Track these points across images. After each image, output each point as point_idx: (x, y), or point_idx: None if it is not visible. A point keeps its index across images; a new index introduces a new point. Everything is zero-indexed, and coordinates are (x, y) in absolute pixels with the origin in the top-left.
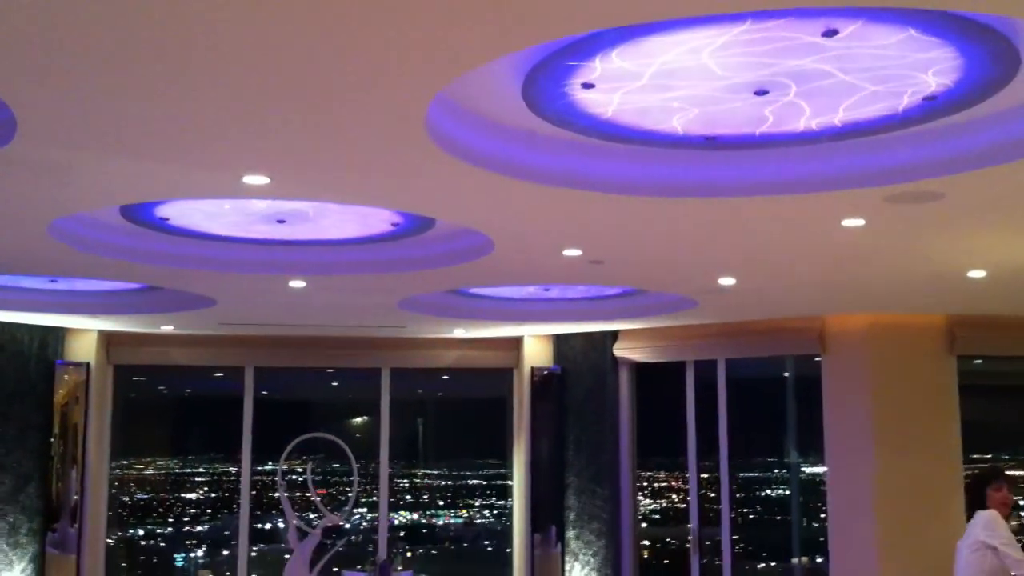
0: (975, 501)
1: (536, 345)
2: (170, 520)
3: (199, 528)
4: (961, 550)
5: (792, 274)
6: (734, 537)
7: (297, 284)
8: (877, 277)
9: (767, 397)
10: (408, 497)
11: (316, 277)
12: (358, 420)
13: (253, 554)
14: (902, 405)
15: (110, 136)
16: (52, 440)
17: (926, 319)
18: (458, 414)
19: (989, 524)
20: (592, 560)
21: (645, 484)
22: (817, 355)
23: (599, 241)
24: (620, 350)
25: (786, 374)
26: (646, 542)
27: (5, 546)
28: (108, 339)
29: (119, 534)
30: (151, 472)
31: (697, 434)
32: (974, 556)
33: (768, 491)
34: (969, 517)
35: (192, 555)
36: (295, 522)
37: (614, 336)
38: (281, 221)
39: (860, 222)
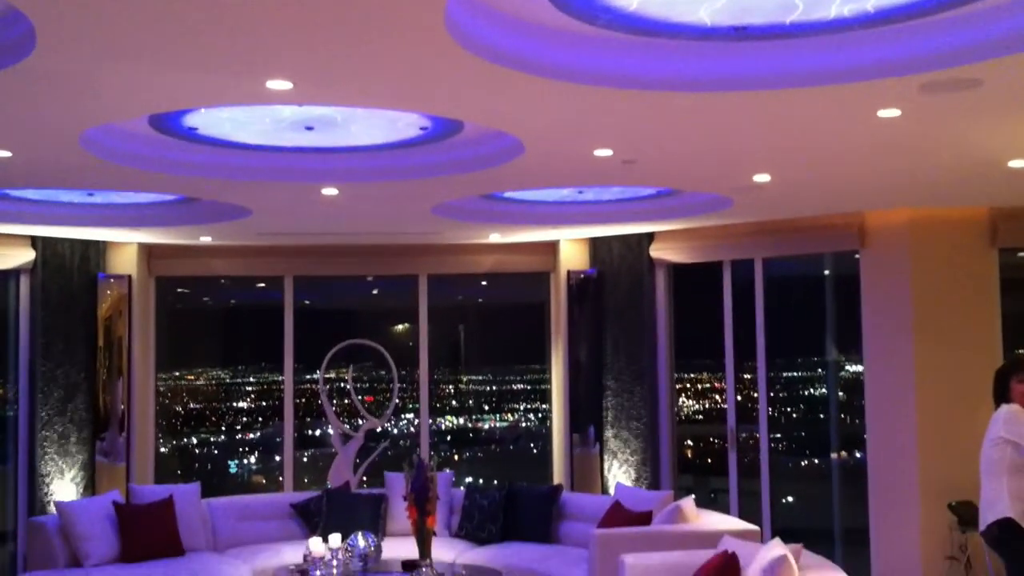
0: (1000, 394)
1: (572, 249)
2: (222, 428)
3: (251, 436)
4: (983, 448)
5: (828, 169)
6: (776, 435)
7: (330, 192)
8: (915, 170)
9: (805, 296)
10: (453, 403)
11: (348, 185)
12: (399, 328)
13: (304, 459)
14: (942, 300)
15: (129, 44)
16: (97, 352)
17: (967, 212)
18: (498, 320)
19: (1011, 419)
20: (631, 458)
21: (688, 386)
22: (856, 252)
23: (630, 139)
24: (656, 251)
25: (825, 272)
26: (688, 442)
27: (55, 455)
28: (148, 252)
29: (173, 442)
30: (202, 383)
31: (735, 334)
32: (994, 451)
33: (809, 390)
34: (998, 407)
35: (245, 462)
36: (339, 427)
37: (650, 238)
38: (309, 128)
39: (896, 112)
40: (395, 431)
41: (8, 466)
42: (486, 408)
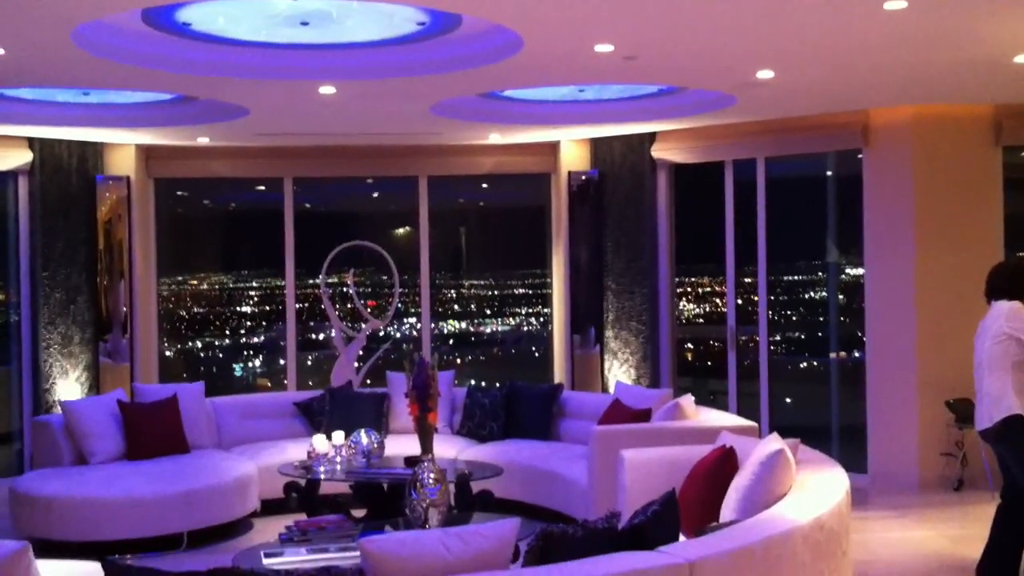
0: (1009, 290)
1: (573, 149)
2: (226, 332)
3: (255, 339)
4: (982, 342)
5: (832, 64)
6: (775, 338)
7: (327, 90)
8: (921, 64)
9: (807, 197)
10: (455, 307)
11: (345, 83)
12: (400, 231)
13: (308, 362)
14: (945, 200)
15: None
16: (98, 255)
17: (972, 109)
18: (499, 223)
19: (1012, 315)
20: (631, 358)
21: (689, 289)
22: (859, 151)
23: (631, 34)
24: (658, 151)
25: (827, 173)
26: (688, 345)
27: (60, 356)
28: (146, 153)
29: (178, 346)
30: (206, 287)
31: (736, 236)
32: (998, 348)
33: (809, 294)
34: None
35: (249, 365)
36: (341, 328)
37: (652, 138)
38: (304, 23)
39: (902, 5)
40: (397, 335)
41: (12, 367)
42: (487, 312)
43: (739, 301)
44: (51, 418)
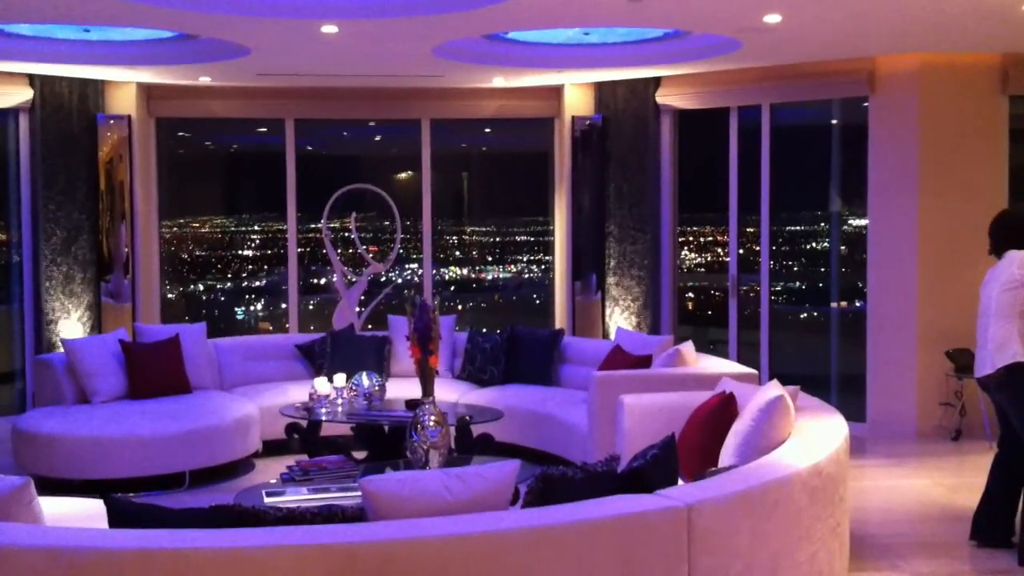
0: (1013, 241)
1: (577, 94)
2: (228, 276)
3: (256, 283)
4: (989, 290)
5: (840, 9)
6: (776, 288)
7: (329, 29)
8: (929, 12)
9: (812, 145)
10: (457, 253)
11: (347, 21)
12: (403, 176)
13: (310, 307)
14: (950, 149)
15: None
16: (99, 196)
17: (979, 58)
18: (502, 169)
19: None
20: (632, 305)
21: (691, 239)
22: (865, 99)
23: None
24: (663, 97)
25: (832, 121)
26: (690, 294)
27: (62, 295)
28: (148, 92)
29: (180, 289)
30: (207, 231)
31: (740, 184)
32: (1007, 295)
33: (811, 244)
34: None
35: (251, 308)
36: (342, 271)
37: (656, 83)
38: None
39: None
40: (398, 280)
41: (14, 306)
42: (489, 259)
43: (740, 251)
44: (53, 357)
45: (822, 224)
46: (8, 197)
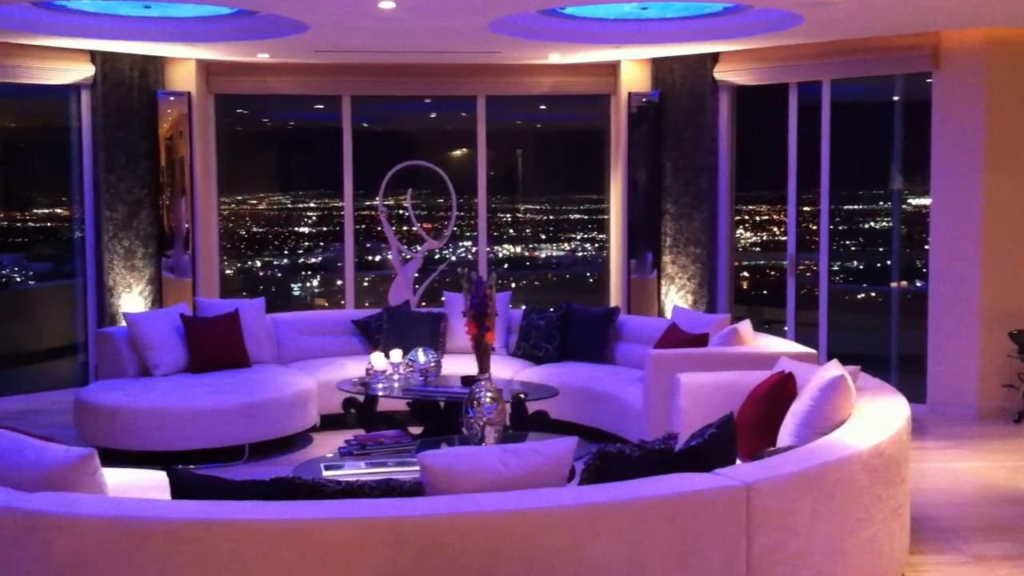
0: None
1: (633, 70)
2: (285, 252)
3: (312, 260)
4: None
5: None
6: (834, 267)
7: (387, 5)
8: None
9: (873, 122)
10: (511, 231)
11: None
12: (457, 152)
13: (365, 283)
14: (1017, 126)
15: None
16: (160, 172)
17: None
18: (557, 145)
19: None
20: (688, 283)
21: (747, 217)
22: (928, 74)
23: None
24: (721, 73)
25: (895, 98)
26: (745, 273)
27: (123, 270)
28: (207, 68)
29: (238, 265)
30: (264, 207)
31: (799, 161)
32: None
33: (870, 223)
34: None
35: (307, 284)
36: (398, 247)
37: (714, 59)
38: None
39: None
40: (452, 258)
41: (77, 280)
42: (543, 237)
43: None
44: (115, 330)
45: (881, 203)
46: (71, 173)
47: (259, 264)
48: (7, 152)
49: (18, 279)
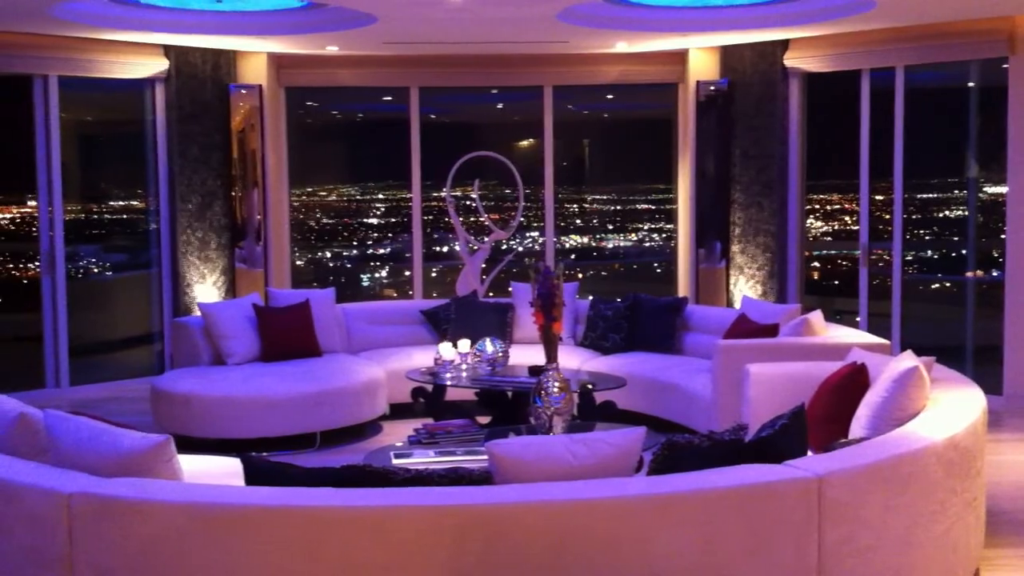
0: None
1: (702, 58)
2: (354, 243)
3: (380, 250)
4: None
5: None
6: (907, 257)
7: None
8: None
9: (948, 108)
10: (578, 221)
11: None
12: (524, 143)
13: (433, 273)
14: None
15: None
16: (232, 164)
17: None
18: (623, 135)
19: None
20: (757, 274)
21: (817, 207)
22: (1004, 60)
23: None
24: (791, 60)
25: (969, 84)
26: (815, 263)
27: (197, 260)
28: (277, 61)
29: (308, 256)
30: (333, 199)
31: (871, 148)
32: None
33: (944, 212)
34: None
35: (375, 275)
36: (465, 238)
37: (785, 45)
38: None
39: None
40: (519, 248)
41: (153, 271)
42: (610, 227)
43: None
44: (190, 320)
45: (955, 191)
46: (146, 166)
47: (328, 255)
48: (84, 146)
49: (96, 270)
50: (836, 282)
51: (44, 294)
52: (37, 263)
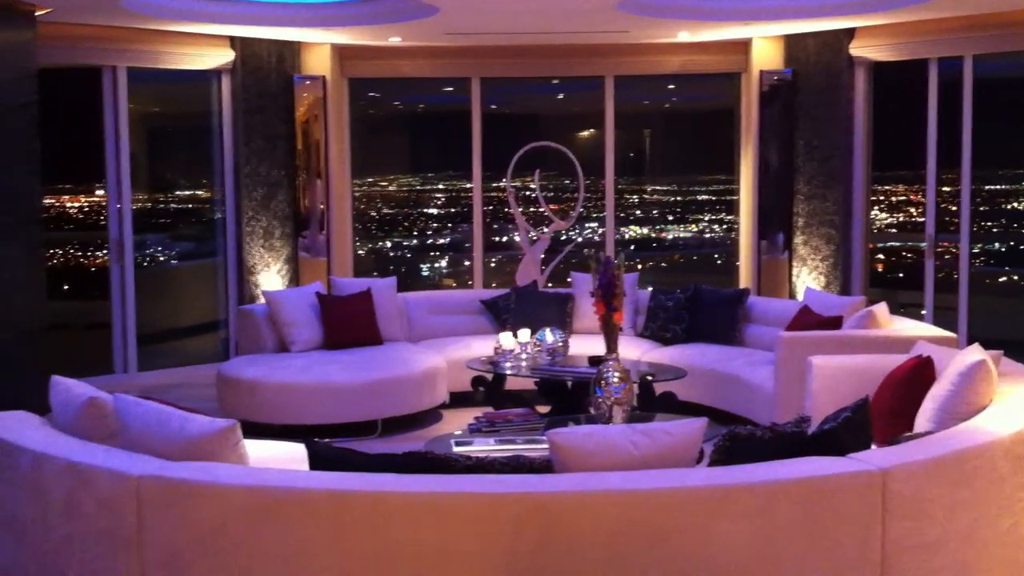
0: None
1: (765, 47)
2: (414, 233)
3: (441, 241)
4: None
5: None
6: (974, 249)
7: None
8: None
9: (1017, 98)
10: (637, 212)
11: None
12: (584, 134)
13: (492, 264)
14: None
15: None
16: (296, 154)
17: None
18: (684, 126)
19: None
20: (820, 265)
21: (882, 198)
22: None
23: None
24: (857, 48)
25: None
26: (879, 256)
27: (262, 249)
28: (341, 53)
29: (369, 245)
30: (394, 189)
31: (938, 139)
32: None
33: (1012, 204)
34: None
35: (435, 265)
36: (526, 228)
37: (850, 34)
38: None
39: None
40: (578, 239)
41: (219, 259)
42: (670, 218)
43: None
44: (255, 307)
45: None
46: (211, 156)
47: (389, 244)
48: (151, 136)
49: (162, 258)
50: (900, 275)
51: (113, 282)
52: (104, 251)
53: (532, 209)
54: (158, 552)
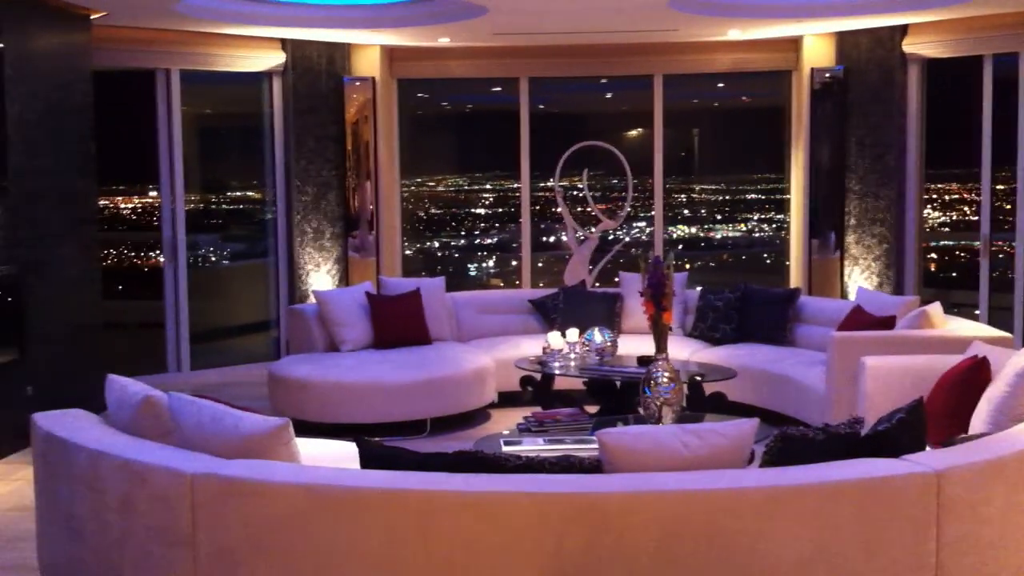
0: None
1: (817, 44)
2: (462, 233)
3: (488, 240)
4: None
5: None
6: None
7: None
8: None
9: None
10: (686, 211)
11: None
12: (633, 133)
13: (540, 264)
14: None
15: None
16: (346, 155)
17: None
18: (734, 124)
19: None
20: (873, 265)
21: (935, 196)
22: None
23: None
24: (910, 45)
25: None
26: (932, 255)
27: (312, 249)
28: (390, 54)
29: (417, 245)
30: (442, 189)
31: (993, 137)
32: None
33: None
34: None
35: (483, 265)
36: (574, 227)
37: (903, 31)
38: None
39: None
40: (626, 239)
41: (270, 259)
42: (718, 217)
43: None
44: (305, 307)
45: None
46: (263, 157)
47: (437, 244)
48: (204, 138)
49: (214, 259)
50: (954, 274)
51: (166, 282)
52: (158, 252)
53: (580, 209)
54: (212, 549)
